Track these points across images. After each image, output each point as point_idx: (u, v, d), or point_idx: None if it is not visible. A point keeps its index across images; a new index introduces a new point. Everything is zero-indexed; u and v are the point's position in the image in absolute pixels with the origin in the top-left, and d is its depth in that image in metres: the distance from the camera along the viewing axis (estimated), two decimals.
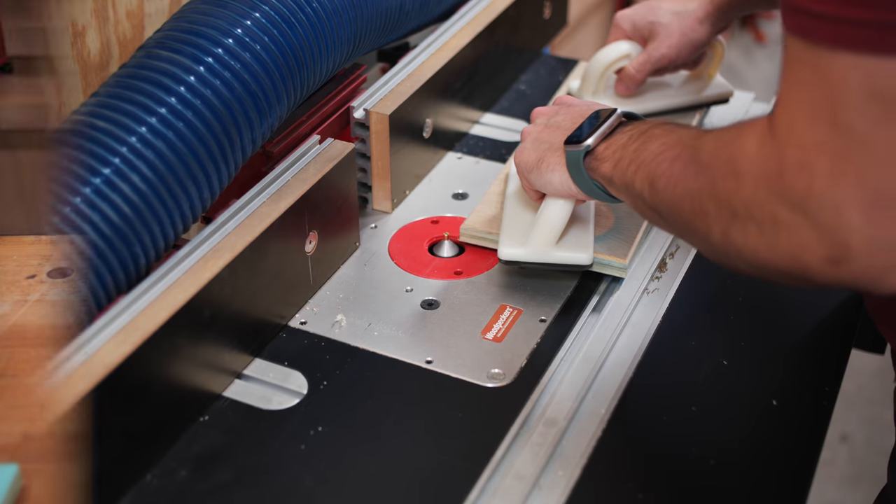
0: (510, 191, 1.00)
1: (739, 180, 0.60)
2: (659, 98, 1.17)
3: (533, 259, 0.91)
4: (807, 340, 0.92)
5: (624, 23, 1.13)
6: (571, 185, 0.85)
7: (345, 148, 0.95)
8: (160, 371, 0.75)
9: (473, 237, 0.98)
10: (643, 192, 0.72)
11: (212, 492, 0.75)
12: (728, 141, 0.62)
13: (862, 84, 0.54)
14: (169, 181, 0.78)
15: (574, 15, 2.15)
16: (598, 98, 1.16)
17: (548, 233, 0.90)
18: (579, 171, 0.82)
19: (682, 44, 1.10)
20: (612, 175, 0.78)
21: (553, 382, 0.84)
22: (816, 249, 0.57)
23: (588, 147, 0.81)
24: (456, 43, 1.14)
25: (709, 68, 1.18)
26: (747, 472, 0.78)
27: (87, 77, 1.03)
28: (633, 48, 1.13)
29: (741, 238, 0.61)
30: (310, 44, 0.90)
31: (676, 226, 0.70)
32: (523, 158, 0.89)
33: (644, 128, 0.77)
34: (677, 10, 1.10)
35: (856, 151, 0.54)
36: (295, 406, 0.82)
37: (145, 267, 0.79)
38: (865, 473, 1.99)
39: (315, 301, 0.94)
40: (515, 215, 0.96)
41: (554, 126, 0.89)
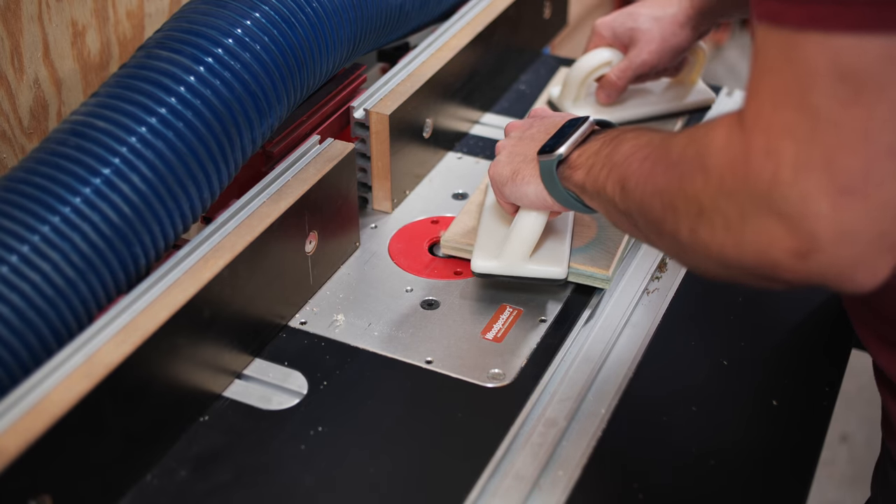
0: (488, 202, 0.99)
1: (707, 173, 0.59)
2: (640, 105, 1.16)
3: (505, 272, 0.90)
4: (807, 340, 0.92)
5: (604, 30, 1.12)
6: (546, 197, 0.83)
7: (345, 148, 0.95)
8: (160, 371, 0.75)
9: (454, 248, 0.97)
10: (615, 196, 0.71)
11: (212, 492, 0.75)
12: (697, 137, 0.61)
13: (830, 64, 0.52)
14: (169, 181, 0.78)
15: (574, 15, 2.16)
16: (578, 106, 1.15)
17: (520, 245, 0.89)
18: (553, 181, 0.81)
19: (662, 49, 1.08)
20: (584, 182, 0.77)
21: (553, 382, 0.85)
22: (783, 242, 0.55)
23: (561, 156, 0.80)
24: (456, 43, 1.14)
25: (690, 74, 1.17)
26: (747, 472, 0.79)
27: (87, 77, 1.03)
28: (614, 55, 1.11)
29: (708, 234, 0.60)
30: (310, 44, 0.90)
31: (647, 227, 0.68)
32: (497, 172, 0.88)
33: (616, 133, 0.76)
34: (657, 15, 1.08)
35: (822, 135, 0.53)
36: (295, 406, 0.82)
37: (145, 267, 0.79)
38: (865, 473, 1.99)
39: (315, 301, 0.94)
40: (491, 227, 0.95)
41: (528, 138, 0.88)
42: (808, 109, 0.54)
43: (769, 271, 0.58)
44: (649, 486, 0.76)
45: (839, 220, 0.54)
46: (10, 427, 0.64)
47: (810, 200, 0.54)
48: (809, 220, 0.54)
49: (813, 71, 0.53)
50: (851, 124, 0.53)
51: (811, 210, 0.54)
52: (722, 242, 0.59)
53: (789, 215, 0.55)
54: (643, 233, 0.69)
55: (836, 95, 0.53)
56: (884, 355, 0.81)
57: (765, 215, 0.56)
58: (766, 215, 0.56)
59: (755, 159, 0.56)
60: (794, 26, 0.54)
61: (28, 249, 0.71)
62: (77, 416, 0.67)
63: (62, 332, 0.73)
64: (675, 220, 0.63)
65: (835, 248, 0.54)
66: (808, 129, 0.54)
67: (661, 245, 0.68)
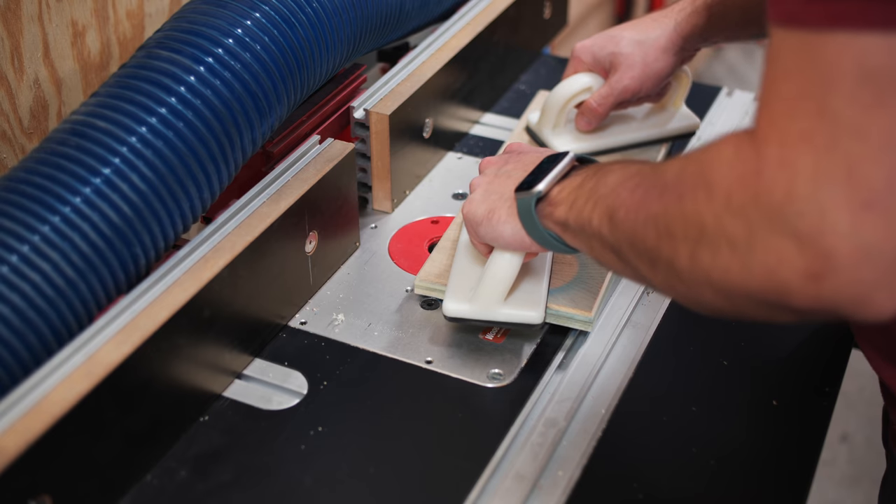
0: (462, 239, 0.93)
1: (711, 190, 0.55)
2: (622, 132, 1.10)
3: (478, 316, 0.84)
4: (807, 340, 0.92)
5: (583, 54, 1.06)
6: (524, 237, 0.78)
7: (345, 148, 0.95)
8: (160, 371, 0.75)
9: (426, 289, 0.92)
10: (601, 229, 0.67)
11: (212, 492, 0.75)
12: (697, 157, 0.57)
13: (853, 65, 0.49)
14: (169, 181, 0.78)
15: (574, 15, 2.16)
16: (558, 133, 1.09)
17: (494, 288, 0.83)
18: (532, 220, 0.76)
19: (645, 74, 1.03)
20: (567, 218, 0.72)
21: (553, 382, 0.85)
22: (795, 262, 0.51)
23: (540, 193, 0.75)
24: (456, 43, 1.14)
25: (674, 99, 1.12)
26: (747, 472, 0.79)
27: (87, 77, 1.03)
28: (595, 80, 1.06)
29: (710, 258, 0.55)
30: (310, 44, 0.90)
31: (639, 260, 0.63)
32: (471, 210, 0.82)
33: (599, 166, 0.73)
34: (639, 39, 1.02)
35: (844, 142, 0.49)
36: (295, 406, 0.82)
37: (145, 267, 0.79)
38: (865, 473, 1.99)
39: (315, 301, 0.94)
40: (464, 267, 0.89)
41: (504, 175, 0.83)
42: (827, 115, 0.50)
43: (777, 297, 0.53)
44: (649, 486, 0.76)
45: (859, 237, 0.49)
46: (10, 427, 0.64)
47: (828, 215, 0.49)
48: (826, 237, 0.50)
49: (834, 73, 0.50)
50: (875, 131, 0.49)
51: (829, 226, 0.50)
52: (726, 266, 0.55)
53: (804, 232, 0.50)
54: (633, 268, 0.65)
55: (859, 99, 0.49)
56: (888, 371, 0.80)
57: (776, 233, 0.51)
58: (777, 233, 0.51)
59: (768, 171, 0.51)
60: (815, 26, 0.50)
61: (28, 249, 0.71)
62: (77, 416, 0.67)
63: (62, 331, 0.73)
64: (672, 247, 0.58)
65: (853, 269, 0.50)
66: (827, 136, 0.50)
67: (655, 278, 0.63)
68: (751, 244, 0.53)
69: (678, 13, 1.02)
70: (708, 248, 0.55)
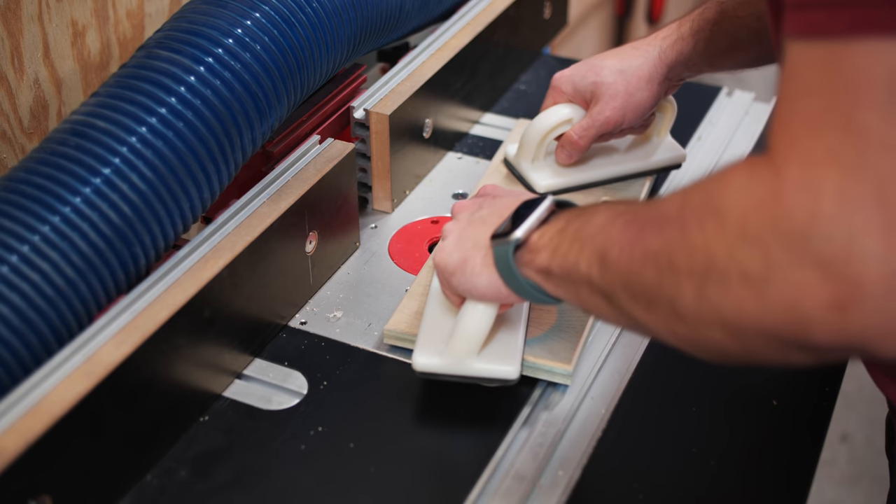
0: (433, 286, 0.88)
1: (722, 218, 0.51)
2: (604, 165, 1.05)
3: (450, 371, 0.79)
4: None
5: (563, 84, 1.00)
6: (501, 287, 0.73)
7: (345, 148, 0.95)
8: (160, 371, 0.75)
9: (396, 339, 0.87)
10: (590, 273, 0.62)
11: (212, 492, 0.75)
12: (703, 186, 0.54)
13: (885, 74, 0.46)
14: (169, 181, 0.78)
15: (574, 15, 2.16)
16: (537, 167, 1.04)
17: (467, 342, 0.78)
18: (510, 269, 0.71)
19: (627, 105, 0.96)
20: (549, 265, 0.67)
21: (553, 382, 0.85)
22: (819, 292, 0.47)
23: (518, 240, 0.70)
24: (456, 43, 1.14)
25: (658, 130, 1.06)
26: (747, 472, 0.79)
27: (87, 77, 1.03)
28: (575, 112, 1.00)
29: (719, 294, 0.51)
30: (310, 44, 0.90)
31: (635, 302, 0.59)
32: (443, 260, 0.77)
33: (582, 209, 0.69)
34: (621, 67, 0.96)
35: (873, 159, 0.46)
36: (295, 406, 0.82)
37: (145, 267, 0.79)
38: (865, 473, 1.99)
39: (315, 301, 0.94)
40: (436, 318, 0.84)
41: (478, 222, 0.77)
42: (855, 130, 0.46)
43: (798, 333, 0.49)
44: (649, 486, 0.76)
45: (891, 263, 0.45)
46: (10, 427, 0.64)
47: (856, 239, 0.46)
48: (854, 263, 0.46)
49: (863, 85, 0.46)
50: None
51: (857, 250, 0.46)
52: (738, 302, 0.50)
53: (829, 258, 0.46)
54: (626, 313, 0.60)
55: (891, 112, 0.46)
56: (893, 389, 0.78)
57: (797, 261, 0.47)
58: (798, 260, 0.47)
59: (789, 193, 0.48)
60: (842, 35, 0.47)
61: (28, 249, 0.71)
62: (77, 416, 0.67)
63: (62, 331, 0.73)
64: (674, 284, 0.54)
65: (883, 298, 0.46)
66: (855, 153, 0.46)
67: (654, 322, 0.58)
68: (768, 275, 0.49)
69: (662, 40, 0.97)
70: (718, 282, 0.51)
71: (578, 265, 0.64)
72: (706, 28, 0.94)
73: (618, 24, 2.70)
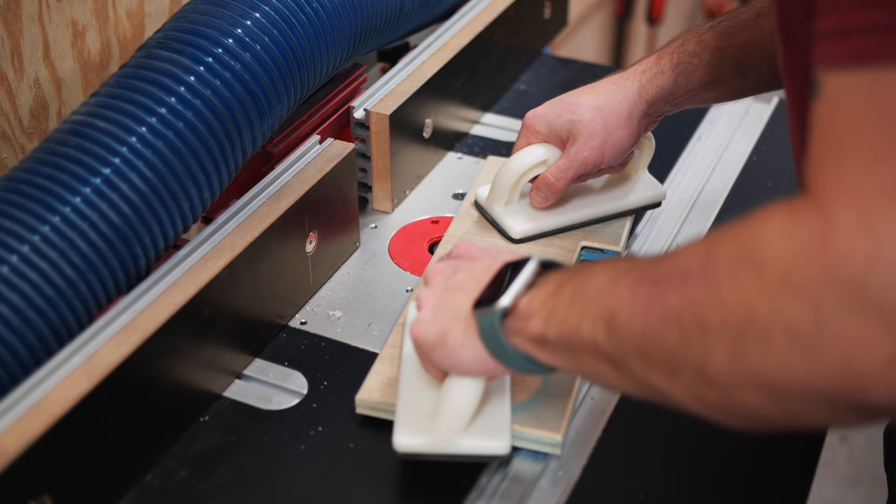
0: (407, 351, 0.80)
1: (760, 268, 0.47)
2: (581, 207, 0.98)
3: (436, 450, 0.73)
4: None
5: (537, 123, 0.93)
6: (488, 360, 0.67)
7: (345, 148, 0.95)
8: (160, 371, 0.75)
9: (371, 410, 0.79)
10: (595, 338, 0.57)
11: (212, 492, 0.75)
12: (731, 235, 0.50)
13: None
14: (169, 181, 0.78)
15: (574, 15, 2.16)
16: (511, 212, 0.97)
17: (453, 420, 0.72)
18: (497, 340, 0.65)
19: (606, 144, 0.90)
20: (544, 332, 0.62)
21: None
22: (879, 345, 0.43)
23: (505, 308, 0.64)
24: (456, 43, 1.14)
25: (636, 167, 1.00)
26: (747, 472, 0.78)
27: (87, 77, 1.03)
28: (550, 152, 0.93)
29: (760, 352, 0.47)
30: (310, 44, 0.90)
31: (652, 369, 0.54)
32: (421, 333, 0.70)
33: (575, 268, 0.64)
34: (599, 104, 0.90)
35: None
36: (295, 406, 0.82)
37: (145, 267, 0.79)
38: (865, 473, 1.99)
39: (315, 301, 0.94)
40: (413, 389, 0.77)
41: (455, 288, 0.71)
42: None
43: (852, 391, 0.45)
44: (649, 486, 0.76)
45: None
46: (10, 427, 0.65)
47: None
48: None
49: None
50: None
51: None
52: (783, 360, 0.46)
53: (891, 306, 0.42)
54: (640, 380, 0.56)
55: None
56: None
57: (853, 311, 0.43)
58: (854, 311, 0.43)
59: (841, 237, 0.44)
60: (892, 61, 0.44)
61: (28, 249, 0.71)
62: (77, 416, 0.67)
63: (62, 331, 0.73)
64: (703, 345, 0.49)
65: None
66: None
67: (676, 388, 0.53)
68: (819, 329, 0.45)
69: (641, 75, 0.90)
70: (758, 339, 0.47)
71: (580, 330, 0.59)
72: (687, 61, 0.89)
73: (618, 24, 2.70)
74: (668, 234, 1.02)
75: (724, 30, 0.89)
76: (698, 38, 0.90)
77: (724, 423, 0.53)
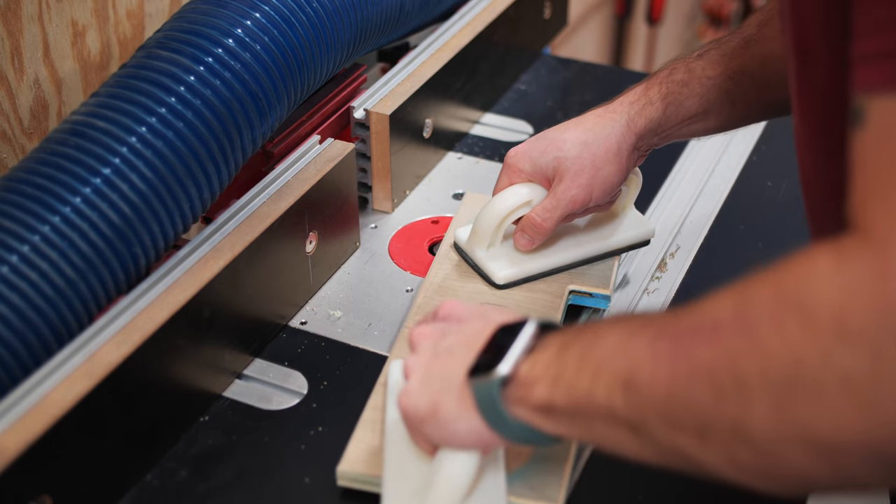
0: (391, 416, 0.73)
1: (807, 315, 0.43)
2: (568, 248, 0.92)
3: None
4: None
5: (520, 162, 0.87)
6: (485, 432, 0.62)
7: (345, 148, 0.95)
8: (160, 371, 0.75)
9: (354, 482, 0.73)
10: (612, 402, 0.53)
11: (212, 492, 0.75)
12: (768, 280, 0.46)
13: None
14: (169, 181, 0.78)
15: (574, 15, 2.16)
16: (494, 256, 0.91)
17: (448, 498, 0.66)
18: (496, 411, 0.60)
19: (594, 181, 0.84)
20: (551, 398, 0.57)
21: None
22: None
23: (504, 376, 0.59)
24: (456, 43, 1.14)
25: (623, 203, 0.95)
26: None
27: (87, 77, 1.03)
28: (535, 192, 0.87)
29: (808, 407, 0.43)
30: (310, 44, 0.90)
31: (677, 432, 0.50)
32: (410, 405, 0.65)
33: (578, 329, 0.59)
34: (585, 139, 0.84)
35: None
36: (295, 406, 0.82)
37: (145, 267, 0.79)
38: None
39: (315, 301, 0.94)
40: (402, 461, 0.70)
41: (444, 354, 0.66)
42: None
43: None
44: (649, 487, 0.76)
45: None
46: (10, 427, 0.64)
47: None
48: None
49: None
50: None
51: None
52: (836, 414, 0.43)
53: None
54: (665, 444, 0.51)
55: None
56: None
57: None
58: None
59: None
60: None
61: (28, 249, 0.71)
62: (77, 416, 0.67)
63: (62, 331, 0.73)
64: (742, 401, 0.46)
65: None
66: None
67: (706, 451, 0.49)
68: (878, 379, 0.41)
69: (630, 106, 0.86)
70: (808, 392, 0.43)
71: (593, 395, 0.54)
72: (676, 91, 0.85)
73: (618, 24, 2.70)
74: (669, 233, 1.02)
75: (712, 58, 0.86)
76: (686, 67, 0.86)
77: (763, 489, 0.49)
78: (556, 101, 1.26)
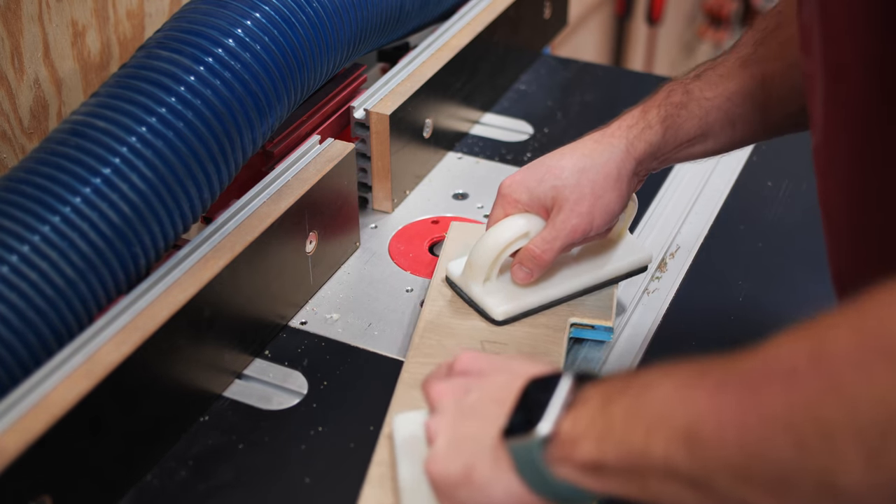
0: (403, 475, 0.68)
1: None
2: (566, 279, 0.89)
3: None
4: None
5: (516, 192, 0.83)
6: (525, 495, 0.58)
7: (345, 148, 0.95)
8: (160, 371, 0.75)
9: None
10: (671, 458, 0.49)
11: (212, 492, 0.75)
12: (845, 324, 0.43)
13: None
14: (169, 181, 0.78)
15: (574, 15, 2.16)
16: (490, 290, 0.87)
17: None
18: (538, 472, 0.56)
19: (595, 209, 0.81)
20: (600, 456, 0.54)
21: None
22: None
23: (545, 435, 0.56)
24: (456, 43, 1.14)
25: (619, 230, 0.91)
26: None
27: (87, 77, 1.03)
28: (532, 223, 0.84)
29: None
30: (310, 44, 0.90)
31: (752, 486, 0.47)
32: (441, 471, 0.61)
33: (623, 379, 0.56)
34: (583, 166, 0.81)
35: None
36: (295, 406, 0.82)
37: (145, 267, 0.79)
38: None
39: (315, 301, 0.94)
40: None
41: (470, 413, 0.62)
42: None
43: None
44: None
45: None
46: (10, 427, 0.64)
47: None
48: None
49: None
50: None
51: None
52: None
53: None
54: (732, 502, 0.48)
55: None
56: None
57: None
58: None
59: None
60: None
61: (28, 249, 0.71)
62: (77, 416, 0.67)
63: (62, 331, 0.73)
64: (829, 454, 0.43)
65: None
66: None
67: None
68: None
69: (628, 130, 0.82)
70: None
71: (649, 451, 0.51)
72: (675, 113, 0.82)
73: (618, 24, 2.70)
74: (669, 233, 1.02)
75: (710, 79, 0.83)
76: (684, 89, 0.83)
77: None
78: (556, 101, 1.26)
